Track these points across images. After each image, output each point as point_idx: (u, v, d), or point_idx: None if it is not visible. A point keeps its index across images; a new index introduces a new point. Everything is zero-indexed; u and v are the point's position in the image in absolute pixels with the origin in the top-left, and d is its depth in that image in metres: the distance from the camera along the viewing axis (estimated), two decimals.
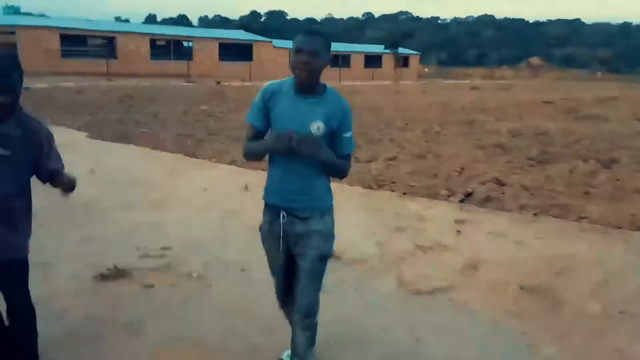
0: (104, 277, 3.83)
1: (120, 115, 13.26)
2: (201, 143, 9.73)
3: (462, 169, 7.85)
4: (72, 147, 9.08)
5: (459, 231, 5.05)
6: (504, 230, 5.10)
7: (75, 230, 4.91)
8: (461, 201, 6.02)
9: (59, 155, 2.56)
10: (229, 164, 8.09)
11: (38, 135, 2.44)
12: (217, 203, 5.96)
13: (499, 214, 5.62)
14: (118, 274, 3.87)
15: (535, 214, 5.58)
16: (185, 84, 28.18)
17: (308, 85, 2.32)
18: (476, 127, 12.63)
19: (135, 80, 30.42)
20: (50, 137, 2.51)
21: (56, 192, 2.55)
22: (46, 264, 3.99)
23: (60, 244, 4.55)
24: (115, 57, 38.68)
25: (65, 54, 36.41)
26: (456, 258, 4.44)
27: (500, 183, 6.66)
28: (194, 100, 18.21)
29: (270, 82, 2.44)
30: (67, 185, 2.53)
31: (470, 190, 6.29)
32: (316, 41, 2.26)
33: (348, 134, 2.41)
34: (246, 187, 6.35)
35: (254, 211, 3.10)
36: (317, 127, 2.31)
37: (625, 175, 7.34)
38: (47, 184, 2.55)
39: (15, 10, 49.70)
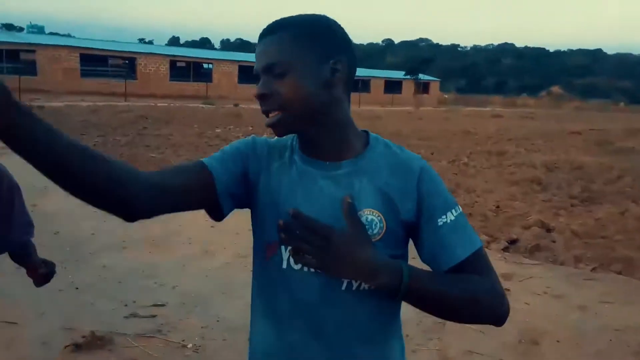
0: (77, 347, 3.10)
1: (131, 137, 12.71)
2: None
3: (498, 207, 7.08)
4: None
5: (507, 290, 4.26)
6: (561, 290, 4.30)
7: (55, 277, 4.19)
8: (505, 249, 5.24)
9: (27, 219, 1.80)
10: None
11: None
12: (226, 244, 5.25)
13: (551, 268, 4.82)
14: (95, 342, 3.13)
15: (593, 269, 4.78)
16: (203, 105, 27.81)
17: (314, 142, 1.07)
18: (506, 158, 11.83)
19: (153, 100, 30.17)
20: (13, 190, 1.73)
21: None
22: (11, 325, 3.29)
23: (34, 296, 3.83)
24: (135, 78, 38.66)
25: (85, 73, 36.41)
26: (509, 327, 3.63)
27: (546, 228, 5.86)
28: (209, 122, 17.67)
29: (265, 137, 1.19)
30: (40, 275, 1.83)
31: (514, 236, 5.49)
32: (276, 42, 1.02)
33: (451, 215, 1.04)
34: None
35: None
36: (365, 223, 1.01)
37: None
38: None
39: (39, 29, 50.34)
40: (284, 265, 1.05)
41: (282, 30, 1.02)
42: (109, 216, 3.89)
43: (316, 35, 1.02)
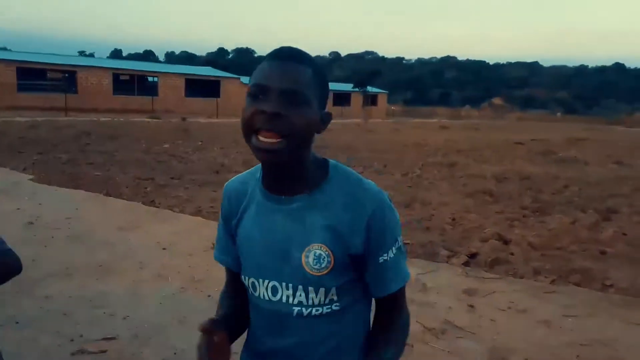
0: None
1: (72, 155, 12.12)
2: (162, 188, 8.71)
3: (454, 219, 7.11)
4: (12, 193, 8.02)
5: (472, 306, 4.20)
6: (524, 304, 4.28)
7: None
8: (465, 264, 5.20)
9: None
10: (193, 214, 7.11)
11: None
12: (180, 267, 4.97)
13: (512, 282, 4.81)
14: None
15: (552, 282, 4.80)
16: (149, 120, 27.07)
17: (281, 175, 1.11)
18: (457, 170, 11.99)
19: (96, 115, 29.15)
20: None
21: None
22: None
23: None
24: (76, 92, 37.30)
25: (22, 88, 34.90)
26: (478, 346, 3.57)
27: (504, 240, 5.88)
28: (157, 137, 17.15)
29: (233, 178, 1.27)
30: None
31: (474, 250, 5.48)
32: (301, 72, 1.04)
33: (391, 253, 1.12)
34: (213, 245, 5.38)
35: (223, 279, 2.19)
36: (313, 257, 1.09)
37: (631, 229, 6.70)
38: None
39: None
40: (257, 294, 1.18)
41: (305, 64, 1.05)
42: (50, 240, 3.57)
43: (325, 81, 1.12)
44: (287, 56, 1.05)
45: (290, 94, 1.01)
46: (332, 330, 1.15)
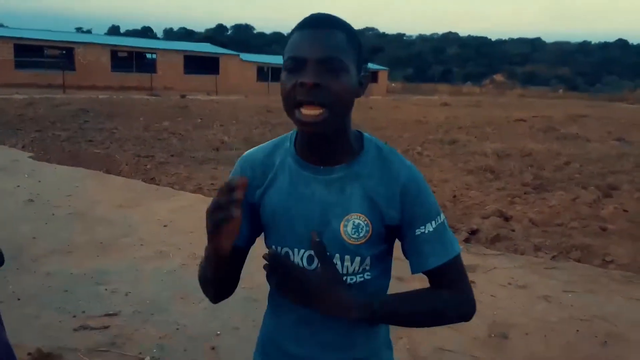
0: None
1: (72, 132, 12.06)
2: (162, 166, 8.68)
3: (455, 196, 7.10)
4: (11, 170, 8.00)
5: (472, 282, 4.21)
6: (524, 280, 4.29)
7: None
8: (466, 240, 5.21)
9: None
10: (193, 191, 7.10)
11: None
12: (180, 244, 4.98)
13: (512, 258, 4.82)
14: None
15: (553, 258, 4.81)
16: (148, 97, 26.91)
17: (322, 145, 1.09)
18: (459, 147, 11.95)
19: (94, 92, 28.97)
20: None
21: None
22: None
23: None
24: (74, 69, 36.96)
25: (19, 65, 34.56)
26: (478, 321, 3.58)
27: (504, 217, 5.88)
28: (156, 115, 17.05)
29: (253, 149, 1.21)
30: None
31: (475, 227, 5.48)
32: (335, 38, 1.01)
33: (430, 227, 1.10)
34: None
35: None
36: (352, 227, 1.08)
37: (632, 206, 6.69)
38: None
39: None
40: None
41: (337, 28, 1.03)
42: (50, 218, 3.57)
43: (360, 44, 1.08)
44: (318, 23, 1.03)
45: (328, 62, 0.99)
46: None
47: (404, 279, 2.68)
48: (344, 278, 1.10)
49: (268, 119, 17.17)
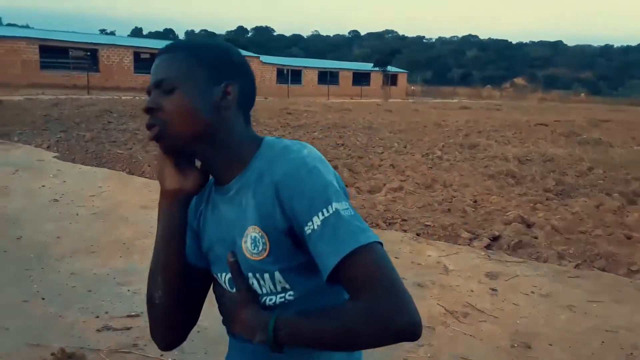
0: None
1: (95, 133, 12.22)
2: None
3: (476, 201, 7.04)
4: (37, 170, 8.13)
5: (494, 290, 4.17)
6: (547, 289, 4.23)
7: (18, 287, 3.91)
8: (488, 247, 5.16)
9: None
10: None
11: None
12: None
13: (535, 266, 4.76)
14: None
15: (577, 266, 4.74)
16: None
17: (203, 162, 1.07)
18: (479, 151, 11.84)
19: (117, 93, 29.34)
20: None
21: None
22: None
23: None
24: (98, 70, 37.52)
25: (45, 66, 35.15)
26: (500, 330, 3.55)
27: (527, 223, 5.81)
28: None
29: None
30: None
31: (496, 233, 5.42)
32: (171, 59, 1.03)
33: (318, 220, 0.91)
34: None
35: None
36: (250, 242, 0.99)
37: None
38: None
39: None
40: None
41: (177, 50, 1.03)
42: (74, 218, 3.63)
43: (210, 58, 1.03)
44: (161, 52, 1.05)
45: (159, 84, 1.01)
46: None
47: None
48: (263, 299, 1.02)
49: (288, 121, 17.21)
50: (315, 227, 0.91)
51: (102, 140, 11.30)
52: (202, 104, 1.00)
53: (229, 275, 1.05)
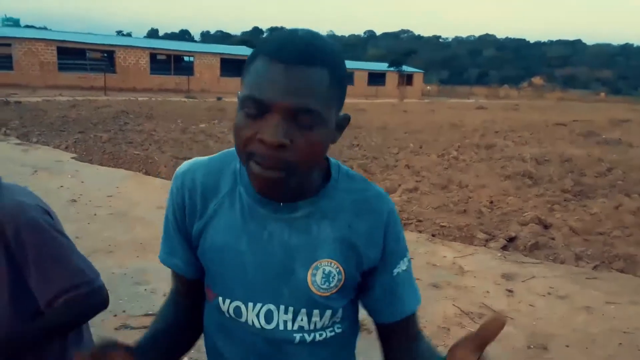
0: None
1: (112, 134, 12.37)
2: None
3: (492, 202, 6.98)
4: (55, 171, 8.24)
5: (510, 291, 4.14)
6: (565, 290, 4.20)
7: None
8: (504, 248, 5.13)
9: (64, 261, 1.28)
10: None
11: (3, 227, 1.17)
12: None
13: (552, 267, 4.72)
14: None
15: (595, 267, 4.69)
16: (185, 99, 27.40)
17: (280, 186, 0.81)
18: (495, 151, 11.75)
19: (134, 94, 29.64)
20: (31, 227, 1.20)
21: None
22: None
23: None
24: (115, 71, 37.95)
25: (62, 67, 35.63)
26: (516, 331, 3.53)
27: (544, 224, 5.76)
28: (193, 117, 17.34)
29: (191, 164, 0.96)
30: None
31: (513, 234, 5.38)
32: (314, 79, 0.75)
33: (403, 265, 0.94)
34: None
35: None
36: (321, 275, 0.89)
37: None
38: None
39: (14, 22, 49.15)
40: (242, 320, 0.94)
41: (321, 66, 0.76)
42: (92, 218, 3.66)
43: (344, 77, 0.82)
44: (296, 57, 0.75)
45: (300, 113, 0.75)
46: (332, 354, 0.98)
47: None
48: (311, 335, 0.93)
49: None
50: (401, 271, 0.94)
51: (119, 141, 11.43)
52: (331, 139, 0.83)
53: (266, 306, 0.91)
